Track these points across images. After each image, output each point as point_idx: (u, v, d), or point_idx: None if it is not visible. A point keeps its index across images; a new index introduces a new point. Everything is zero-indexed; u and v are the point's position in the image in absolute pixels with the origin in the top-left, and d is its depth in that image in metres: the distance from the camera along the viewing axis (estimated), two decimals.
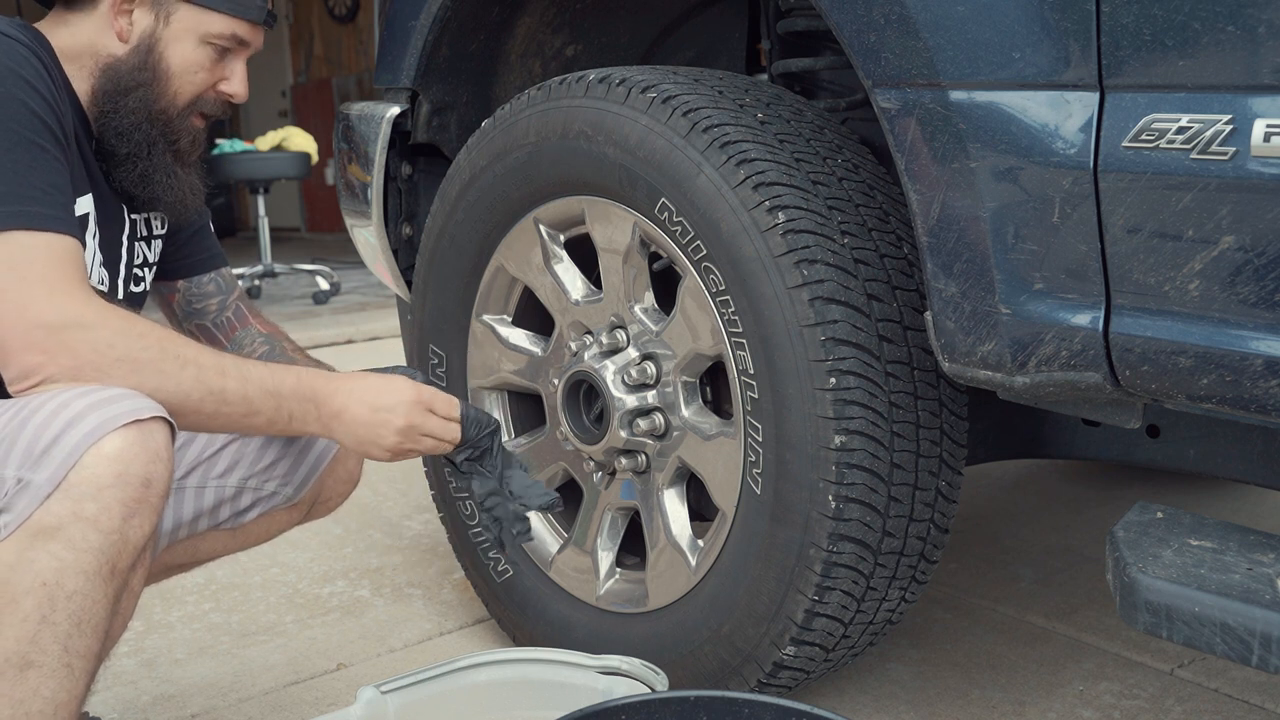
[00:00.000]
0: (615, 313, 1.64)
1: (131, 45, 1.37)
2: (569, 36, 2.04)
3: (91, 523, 1.12)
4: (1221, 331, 1.10)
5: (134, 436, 1.14)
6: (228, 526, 1.60)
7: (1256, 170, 1.04)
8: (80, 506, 1.12)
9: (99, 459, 1.13)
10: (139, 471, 1.15)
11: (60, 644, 1.12)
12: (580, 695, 1.35)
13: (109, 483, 1.13)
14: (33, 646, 1.11)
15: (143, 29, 1.37)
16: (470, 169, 1.76)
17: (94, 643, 1.15)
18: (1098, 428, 1.79)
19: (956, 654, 1.85)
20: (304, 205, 10.97)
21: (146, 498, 1.16)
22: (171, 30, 1.38)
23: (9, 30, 1.26)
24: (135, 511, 1.15)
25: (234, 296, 1.64)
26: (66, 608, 1.12)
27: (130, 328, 1.21)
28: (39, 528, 1.11)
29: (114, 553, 1.14)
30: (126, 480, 1.14)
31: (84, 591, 1.13)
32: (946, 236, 1.25)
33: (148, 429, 1.16)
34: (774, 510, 1.43)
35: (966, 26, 1.20)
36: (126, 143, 1.37)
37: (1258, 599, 1.04)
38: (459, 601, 2.13)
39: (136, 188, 1.40)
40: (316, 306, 5.95)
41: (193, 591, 2.21)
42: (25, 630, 1.11)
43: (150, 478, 1.16)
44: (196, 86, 1.41)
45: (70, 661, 1.13)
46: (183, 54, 1.39)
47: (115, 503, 1.13)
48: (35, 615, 1.11)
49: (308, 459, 1.61)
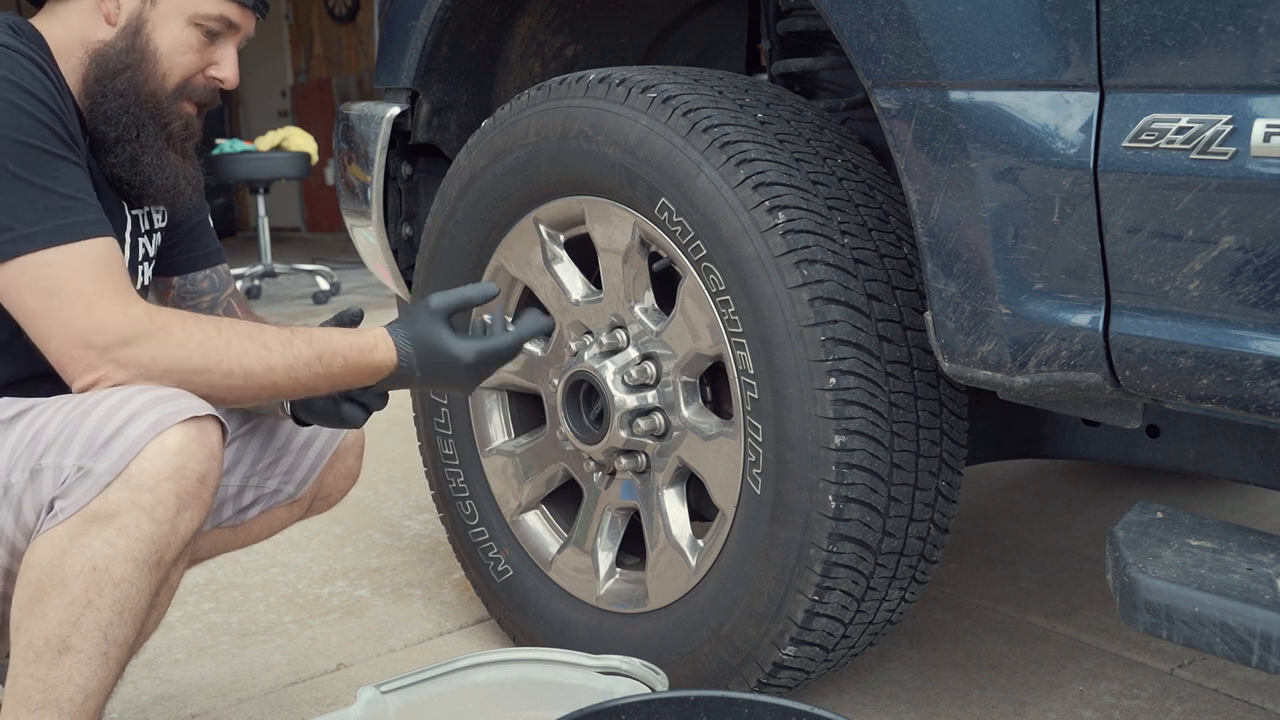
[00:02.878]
0: (615, 313, 1.64)
1: (120, 28, 1.36)
2: (569, 36, 2.04)
3: (147, 512, 1.15)
4: (1221, 331, 1.10)
5: (194, 433, 1.18)
6: (229, 524, 1.60)
7: (1256, 170, 1.04)
8: (138, 496, 1.15)
9: (160, 452, 1.16)
10: (196, 467, 1.18)
11: (101, 631, 1.15)
12: (580, 695, 1.35)
13: (167, 475, 1.16)
14: (74, 630, 1.14)
15: (130, 10, 1.36)
16: (470, 169, 1.76)
17: (132, 632, 1.18)
18: (1098, 428, 1.79)
19: (956, 654, 1.85)
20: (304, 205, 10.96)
21: (200, 493, 1.19)
22: (159, 11, 1.37)
23: (4, 40, 1.26)
24: (188, 505, 1.18)
25: (226, 293, 1.64)
26: (112, 594, 1.15)
27: (170, 336, 1.24)
28: (96, 513, 1.15)
29: (164, 543, 1.17)
30: (184, 474, 1.17)
31: (131, 579, 1.15)
32: (946, 236, 1.25)
33: (205, 427, 1.20)
34: (774, 510, 1.43)
35: (966, 26, 1.20)
36: (115, 126, 1.36)
37: (1258, 599, 1.04)
38: (459, 601, 2.13)
39: (126, 171, 1.39)
40: (316, 306, 5.96)
41: (193, 591, 2.21)
42: (69, 614, 1.14)
43: (205, 474, 1.20)
44: (185, 68, 1.40)
45: (108, 650, 1.16)
46: (171, 35, 1.38)
47: (171, 495, 1.17)
48: (81, 599, 1.14)
49: (308, 456, 1.61)
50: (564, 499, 1.83)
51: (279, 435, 1.59)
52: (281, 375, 1.28)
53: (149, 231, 1.50)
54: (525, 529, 1.84)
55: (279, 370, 1.28)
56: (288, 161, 6.09)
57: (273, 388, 1.29)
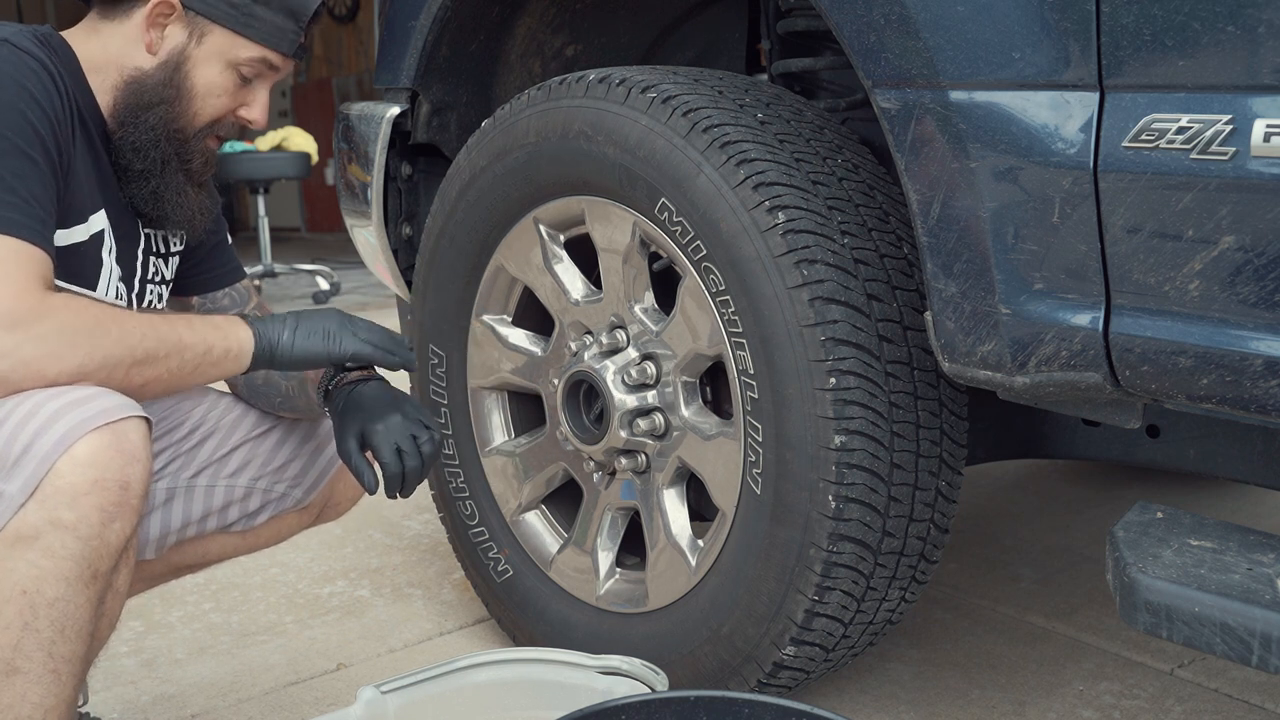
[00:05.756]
0: (615, 313, 1.64)
1: (159, 60, 1.36)
2: (569, 36, 2.04)
3: (70, 530, 1.12)
4: (1221, 331, 1.10)
5: (108, 439, 1.14)
6: (238, 529, 1.60)
7: (1256, 170, 1.04)
8: (57, 514, 1.12)
9: (73, 466, 1.12)
10: (115, 475, 1.14)
11: (44, 650, 1.12)
12: (580, 695, 1.35)
13: (85, 489, 1.13)
14: (17, 653, 1.11)
15: (174, 45, 1.36)
16: (470, 169, 1.76)
17: (79, 647, 1.16)
18: (1098, 428, 1.79)
19: (956, 654, 1.85)
20: (304, 205, 10.96)
21: (125, 500, 1.15)
22: (203, 50, 1.37)
23: (21, 44, 1.25)
24: (115, 516, 1.15)
25: (250, 307, 1.63)
26: (49, 614, 1.12)
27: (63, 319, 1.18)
28: (16, 536, 1.12)
29: (94, 558, 1.14)
30: (103, 485, 1.14)
31: (65, 598, 1.13)
32: (946, 236, 1.25)
33: (121, 430, 1.16)
34: (774, 510, 1.43)
35: (966, 26, 1.20)
36: (142, 159, 1.37)
37: (1258, 599, 1.04)
38: (459, 601, 2.13)
39: (148, 205, 1.40)
40: (316, 306, 5.94)
41: (192, 591, 2.21)
42: (8, 638, 1.11)
43: (127, 480, 1.15)
44: (216, 110, 1.41)
45: (56, 667, 1.13)
46: (208, 76, 1.38)
47: (93, 509, 1.13)
48: (18, 623, 1.11)
49: (319, 462, 1.61)
50: (564, 499, 1.83)
51: (291, 440, 1.60)
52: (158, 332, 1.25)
53: (164, 254, 1.49)
54: (525, 529, 1.84)
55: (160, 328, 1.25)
56: (288, 161, 6.08)
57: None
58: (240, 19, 1.37)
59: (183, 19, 1.36)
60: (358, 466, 1.40)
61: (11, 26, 1.29)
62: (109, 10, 1.37)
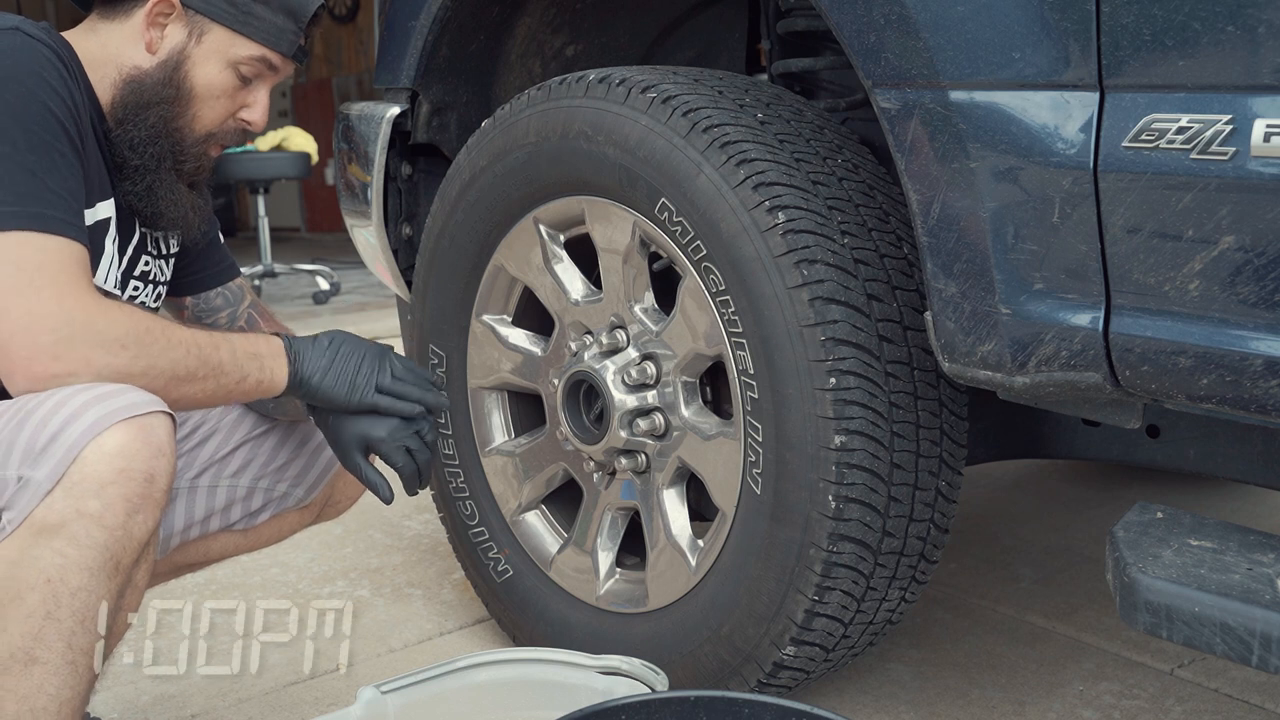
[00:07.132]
0: (615, 313, 1.64)
1: (159, 59, 1.36)
2: (569, 36, 2.04)
3: (95, 519, 1.12)
4: (1221, 331, 1.10)
5: (135, 431, 1.14)
6: (240, 527, 1.61)
7: (1256, 170, 1.04)
8: (83, 503, 1.12)
9: (100, 455, 1.12)
10: (141, 467, 1.14)
11: (64, 640, 1.12)
12: (580, 695, 1.35)
13: (111, 479, 1.12)
14: (37, 642, 1.11)
15: (173, 44, 1.36)
16: (470, 169, 1.76)
17: (97, 639, 1.15)
18: (1098, 428, 1.79)
19: (956, 654, 1.85)
20: (304, 205, 10.97)
21: (150, 493, 1.15)
22: (202, 49, 1.37)
23: (34, 33, 1.25)
24: (139, 508, 1.14)
25: (244, 305, 1.63)
26: (70, 604, 1.12)
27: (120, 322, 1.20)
28: (42, 525, 1.11)
29: (118, 549, 1.14)
30: (129, 476, 1.13)
31: (88, 588, 1.12)
32: (946, 236, 1.25)
33: (148, 423, 1.16)
34: (774, 510, 1.43)
35: (966, 26, 1.20)
36: (139, 155, 1.37)
37: (1258, 599, 1.04)
38: (459, 601, 2.13)
39: (141, 201, 1.40)
40: (316, 306, 5.95)
41: (192, 591, 2.20)
42: (30, 626, 1.11)
43: (153, 473, 1.15)
44: (217, 112, 1.40)
45: (74, 659, 1.13)
46: (208, 75, 1.38)
47: (118, 499, 1.13)
48: (40, 611, 1.11)
49: (320, 461, 1.61)
50: (564, 499, 1.83)
51: (292, 440, 1.60)
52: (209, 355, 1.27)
53: (158, 256, 1.49)
54: (525, 529, 1.84)
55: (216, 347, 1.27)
56: (288, 161, 6.08)
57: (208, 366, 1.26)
58: (239, 17, 1.37)
59: (182, 18, 1.36)
60: (371, 480, 1.41)
61: (17, 17, 1.29)
62: (109, 10, 1.37)
